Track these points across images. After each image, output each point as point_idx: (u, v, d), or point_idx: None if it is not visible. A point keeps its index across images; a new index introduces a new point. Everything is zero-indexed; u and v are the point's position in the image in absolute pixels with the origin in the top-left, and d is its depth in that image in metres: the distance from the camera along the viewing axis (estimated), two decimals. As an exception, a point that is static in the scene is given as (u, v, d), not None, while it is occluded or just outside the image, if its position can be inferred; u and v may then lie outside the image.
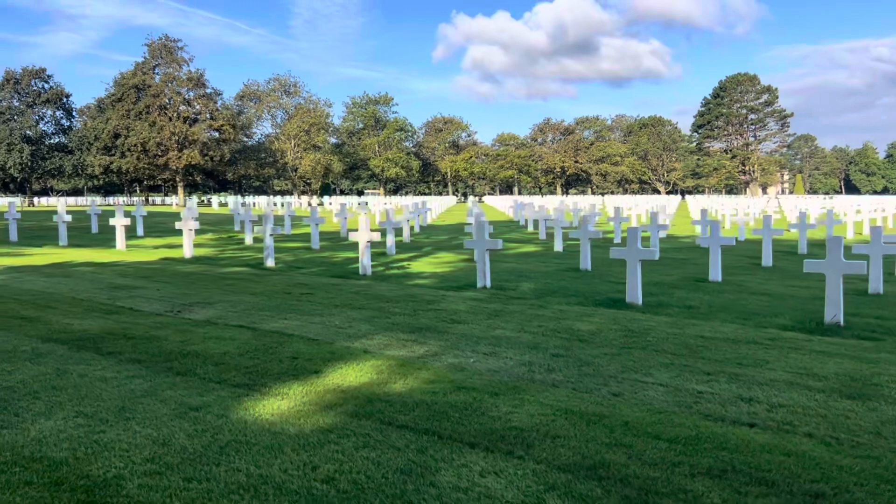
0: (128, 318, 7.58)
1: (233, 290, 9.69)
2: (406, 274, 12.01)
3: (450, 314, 7.86)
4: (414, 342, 6.47)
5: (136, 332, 6.83)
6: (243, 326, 7.18)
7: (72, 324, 7.25)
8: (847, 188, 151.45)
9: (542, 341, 6.51)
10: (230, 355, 5.94)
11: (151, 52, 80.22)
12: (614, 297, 9.26)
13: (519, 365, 5.65)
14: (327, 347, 6.26)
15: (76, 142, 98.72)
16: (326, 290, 9.74)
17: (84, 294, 9.24)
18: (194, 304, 8.54)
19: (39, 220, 33.62)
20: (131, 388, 5.00)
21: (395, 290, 9.92)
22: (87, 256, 14.71)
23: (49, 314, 7.79)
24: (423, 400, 4.70)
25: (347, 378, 5.25)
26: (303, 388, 4.97)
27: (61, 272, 11.69)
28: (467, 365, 5.65)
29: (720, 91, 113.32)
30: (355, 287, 10.13)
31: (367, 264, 11.53)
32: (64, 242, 17.32)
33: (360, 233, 11.51)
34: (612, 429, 4.19)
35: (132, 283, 10.40)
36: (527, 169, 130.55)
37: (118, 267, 12.66)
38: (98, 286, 10.01)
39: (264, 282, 10.64)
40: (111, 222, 16.25)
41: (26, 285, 10.06)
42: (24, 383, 5.11)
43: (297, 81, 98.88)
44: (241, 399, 4.75)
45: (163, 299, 8.89)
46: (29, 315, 7.71)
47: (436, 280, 11.19)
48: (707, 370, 5.54)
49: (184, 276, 11.34)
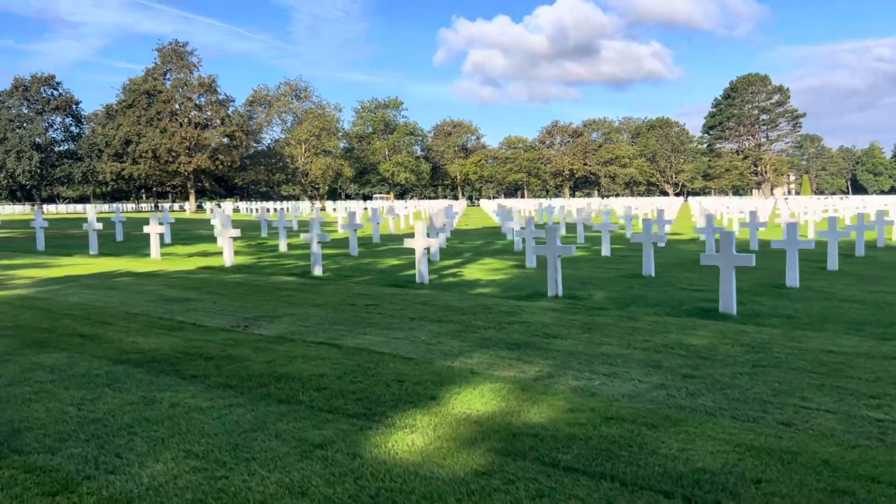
0: (195, 335, 7.03)
1: (292, 302, 9.14)
2: (463, 282, 11.44)
3: (539, 328, 7.29)
4: (519, 360, 5.90)
5: (211, 352, 6.28)
6: (325, 343, 6.62)
7: (137, 342, 6.70)
8: (854, 188, 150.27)
9: (660, 359, 5.93)
10: (328, 378, 5.38)
11: (162, 58, 80.00)
12: (703, 307, 8.67)
13: (653, 388, 5.08)
14: (428, 368, 5.70)
15: (85, 149, 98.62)
16: (391, 301, 9.17)
17: (138, 308, 8.70)
18: (259, 318, 7.99)
19: (60, 227, 33.29)
20: (234, 419, 4.44)
21: (463, 300, 9.35)
22: (122, 266, 14.19)
23: (109, 331, 7.24)
24: (574, 434, 4.13)
25: (472, 405, 4.68)
26: (428, 419, 4.41)
27: (104, 284, 11.16)
28: (595, 389, 5.08)
29: (731, 92, 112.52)
30: (419, 297, 9.57)
31: (424, 272, 10.97)
32: (94, 251, 16.81)
33: (417, 240, 10.96)
34: (815, 469, 3.61)
35: (183, 294, 9.86)
36: (536, 172, 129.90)
37: (160, 277, 12.13)
38: (149, 299, 9.47)
39: (321, 292, 10.08)
40: (145, 230, 15.73)
41: (73, 298, 9.53)
42: (112, 415, 4.56)
43: (307, 86, 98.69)
44: (364, 433, 4.19)
45: (223, 313, 8.35)
46: (88, 332, 7.17)
47: (498, 289, 10.61)
48: (867, 392, 4.95)
49: (233, 286, 10.80)
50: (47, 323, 7.69)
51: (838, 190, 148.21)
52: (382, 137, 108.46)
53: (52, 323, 7.68)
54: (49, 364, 5.88)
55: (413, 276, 12.21)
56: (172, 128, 75.83)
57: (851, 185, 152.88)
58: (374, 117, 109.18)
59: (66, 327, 7.45)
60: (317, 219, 12.46)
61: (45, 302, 9.17)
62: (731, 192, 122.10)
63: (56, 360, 6.00)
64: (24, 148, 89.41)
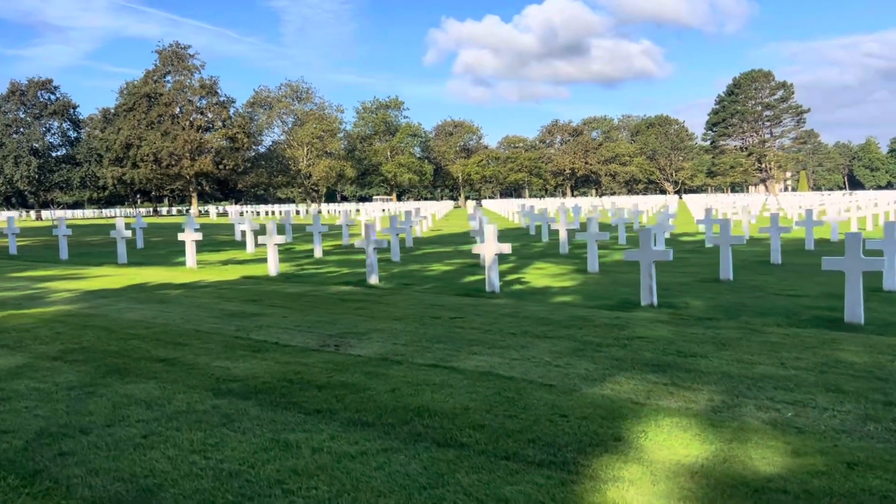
0: (286, 357, 6.30)
1: (368, 315, 8.41)
2: (535, 290, 10.72)
3: (665, 344, 6.58)
4: (675, 386, 5.20)
5: (318, 378, 5.56)
6: (438, 366, 5.90)
7: (228, 368, 5.98)
8: (851, 184, 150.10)
9: (835, 382, 5.22)
10: (476, 412, 4.66)
11: (162, 60, 79.07)
12: (821, 315, 7.98)
13: (861, 420, 4.37)
14: (579, 398, 4.98)
15: (84, 153, 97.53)
16: (475, 313, 8.45)
17: (205, 325, 7.97)
18: (344, 335, 7.26)
19: (75, 234, 32.51)
20: (401, 471, 3.72)
21: (552, 311, 8.63)
22: (159, 276, 13.43)
23: (188, 354, 6.51)
24: (827, 488, 3.43)
25: (672, 448, 3.97)
26: (636, 469, 3.70)
27: (153, 297, 10.41)
28: (795, 422, 4.37)
29: (734, 88, 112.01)
30: (502, 308, 8.85)
31: (494, 280, 10.26)
32: (123, 260, 16.04)
33: (487, 245, 10.24)
34: None
35: (245, 308, 9.12)
36: (537, 171, 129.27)
37: (207, 288, 11.38)
38: (211, 314, 8.73)
39: (392, 303, 9.36)
40: (179, 237, 14.96)
41: (128, 314, 8.79)
42: (250, 465, 3.83)
43: (309, 87, 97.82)
44: (569, 488, 3.48)
45: (301, 329, 7.62)
46: (166, 356, 6.44)
47: (577, 296, 9.91)
48: None
49: (294, 298, 10.06)
50: (115, 345, 6.95)
51: (835, 186, 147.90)
52: (384, 138, 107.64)
53: (120, 345, 6.95)
54: (142, 397, 5.15)
55: (475, 282, 11.51)
56: (174, 131, 74.91)
57: (848, 180, 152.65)
58: (374, 118, 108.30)
59: (138, 350, 6.71)
60: (372, 226, 11.73)
61: (101, 319, 8.43)
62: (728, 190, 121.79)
63: (147, 393, 5.28)
64: (21, 153, 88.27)
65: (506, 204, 57.57)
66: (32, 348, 6.85)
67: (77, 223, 56.19)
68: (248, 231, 18.52)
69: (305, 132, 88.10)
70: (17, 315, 8.86)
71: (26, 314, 8.93)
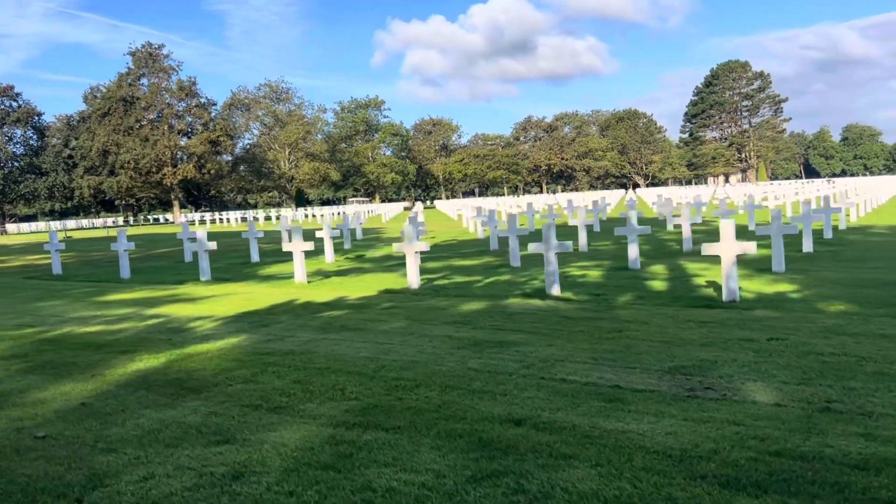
0: (723, 413, 4.56)
1: (634, 337, 6.68)
2: (778, 297, 9.10)
3: None
4: None
5: (767, 449, 3.85)
6: None
7: (642, 433, 4.22)
8: (807, 172, 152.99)
9: None
10: None
11: (135, 62, 75.61)
12: None
13: None
14: None
15: (50, 162, 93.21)
16: (791, 334, 6.80)
17: (471, 362, 6.14)
18: (688, 369, 5.54)
19: (82, 248, 30.12)
20: None
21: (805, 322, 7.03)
22: (280, 294, 11.45)
23: (540, 412, 4.72)
24: None
25: None
26: None
27: (323, 322, 8.50)
28: None
29: (712, 79, 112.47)
30: (808, 322, 7.22)
31: (734, 288, 8.63)
32: (206, 276, 13.94)
33: (724, 244, 8.61)
34: None
35: (480, 335, 7.31)
36: (514, 168, 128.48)
37: (369, 309, 9.47)
38: (449, 345, 6.89)
39: (653, 323, 7.64)
40: (285, 247, 12.92)
41: (341, 349, 6.92)
42: None
43: (289, 88, 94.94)
44: None
45: (607, 363, 5.86)
46: (508, 415, 4.64)
47: (816, 302, 8.33)
48: None
49: (505, 317, 8.27)
50: (409, 400, 5.11)
51: (792, 175, 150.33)
52: (364, 139, 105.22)
53: (417, 400, 5.10)
54: (574, 494, 3.38)
55: (691, 289, 9.84)
56: (154, 136, 71.62)
57: (804, 169, 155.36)
58: (354, 118, 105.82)
59: (456, 407, 4.89)
60: (550, 228, 9.97)
61: (321, 359, 6.53)
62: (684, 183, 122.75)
63: (586, 484, 3.50)
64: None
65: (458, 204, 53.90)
66: (306, 410, 4.98)
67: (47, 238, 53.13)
68: (327, 238, 16.56)
69: (288, 134, 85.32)
70: (192, 356, 6.92)
71: (201, 353, 6.99)
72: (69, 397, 5.65)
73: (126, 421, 4.95)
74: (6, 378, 6.41)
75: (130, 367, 6.58)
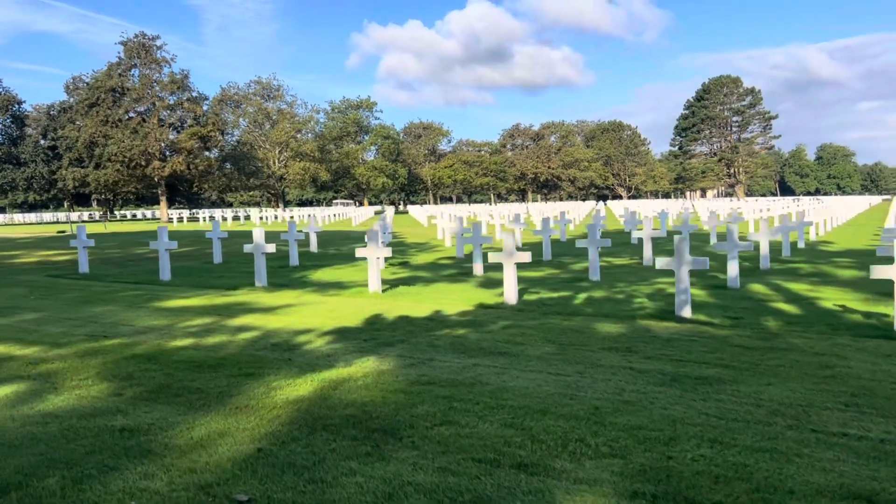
0: None
1: (857, 376, 5.79)
2: None
3: None
4: None
5: None
6: None
7: None
8: (782, 190, 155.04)
9: None
10: None
11: (127, 52, 73.45)
12: None
13: None
14: None
15: (29, 153, 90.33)
16: None
17: (681, 409, 5.19)
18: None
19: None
20: None
21: None
22: (360, 306, 10.39)
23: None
24: None
25: None
26: None
27: (451, 344, 7.48)
28: None
29: (704, 94, 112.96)
30: None
31: (906, 316, 7.78)
32: (262, 282, 12.77)
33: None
34: None
35: (654, 367, 6.35)
36: (502, 175, 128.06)
37: (484, 327, 8.44)
38: (630, 379, 5.93)
39: (834, 357, 6.74)
40: (359, 253, 11.80)
41: (508, 379, 5.90)
42: None
43: (280, 85, 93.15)
44: None
45: (855, 410, 4.95)
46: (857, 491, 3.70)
47: None
48: None
49: (662, 343, 7.30)
50: (687, 463, 4.14)
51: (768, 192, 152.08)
52: (355, 140, 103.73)
53: (694, 463, 4.13)
54: None
55: (831, 313, 8.97)
56: (144, 129, 69.54)
57: (780, 186, 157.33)
58: (345, 118, 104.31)
59: (771, 481, 3.93)
60: (684, 240, 9.05)
61: (514, 395, 5.52)
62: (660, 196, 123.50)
63: None
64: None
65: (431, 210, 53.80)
66: (563, 470, 3.98)
67: (35, 231, 51.36)
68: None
69: (279, 132, 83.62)
70: (338, 383, 5.85)
71: (345, 379, 5.92)
72: (234, 439, 4.58)
73: (338, 479, 3.90)
74: (127, 409, 5.30)
75: (276, 396, 5.52)
